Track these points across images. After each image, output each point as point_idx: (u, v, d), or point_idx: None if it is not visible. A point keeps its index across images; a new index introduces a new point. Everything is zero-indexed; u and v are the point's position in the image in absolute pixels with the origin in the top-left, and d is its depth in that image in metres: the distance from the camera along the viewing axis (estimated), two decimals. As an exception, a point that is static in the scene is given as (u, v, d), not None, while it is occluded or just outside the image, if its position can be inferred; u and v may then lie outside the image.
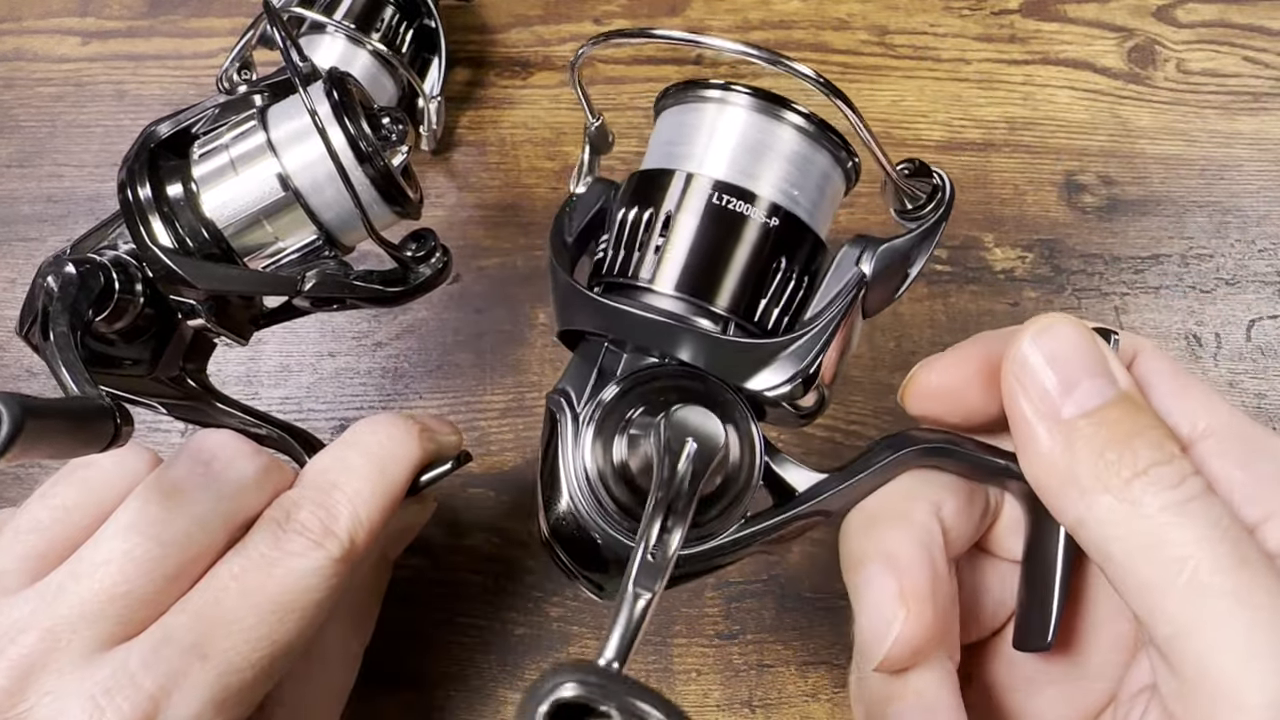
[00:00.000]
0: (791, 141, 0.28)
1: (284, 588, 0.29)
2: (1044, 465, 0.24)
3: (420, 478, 0.34)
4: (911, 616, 0.25)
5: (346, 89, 0.32)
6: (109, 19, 0.54)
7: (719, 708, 0.41)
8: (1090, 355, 0.25)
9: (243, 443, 0.32)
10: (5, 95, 0.53)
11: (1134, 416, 0.24)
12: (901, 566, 0.26)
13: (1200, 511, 0.22)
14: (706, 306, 0.27)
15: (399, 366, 0.47)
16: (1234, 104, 0.53)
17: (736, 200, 0.27)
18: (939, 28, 0.54)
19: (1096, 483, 0.23)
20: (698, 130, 0.28)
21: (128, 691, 0.26)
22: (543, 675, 0.18)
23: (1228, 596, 0.21)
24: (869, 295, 0.28)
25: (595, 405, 0.27)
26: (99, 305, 0.30)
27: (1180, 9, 0.55)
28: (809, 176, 0.28)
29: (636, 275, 0.28)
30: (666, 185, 0.28)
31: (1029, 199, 0.50)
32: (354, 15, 0.46)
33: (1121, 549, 0.23)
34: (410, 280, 0.33)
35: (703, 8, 0.55)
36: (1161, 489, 0.23)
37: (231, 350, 0.47)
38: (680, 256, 0.27)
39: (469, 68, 0.53)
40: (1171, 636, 0.22)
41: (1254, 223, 0.50)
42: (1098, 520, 0.23)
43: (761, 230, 0.27)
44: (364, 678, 0.41)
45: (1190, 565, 0.22)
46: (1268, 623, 0.21)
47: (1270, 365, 0.47)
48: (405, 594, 0.43)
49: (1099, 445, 0.23)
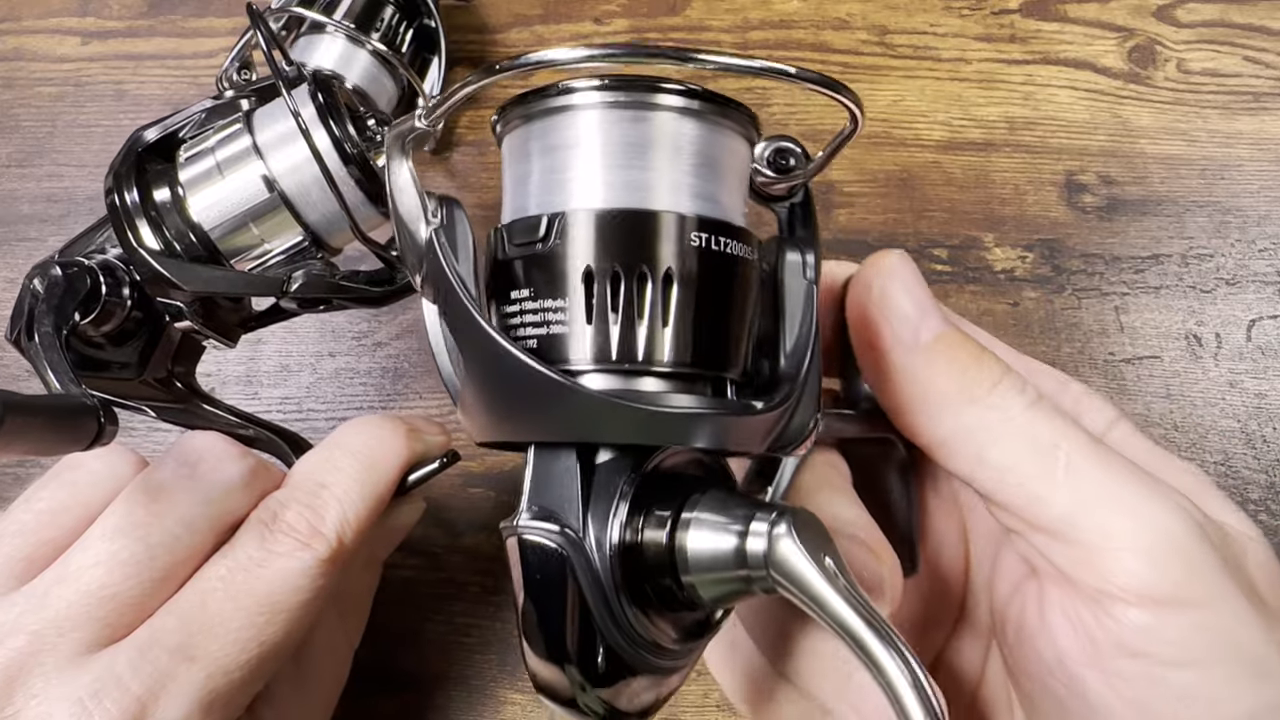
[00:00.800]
0: (735, 150, 0.24)
1: (271, 588, 0.29)
2: (909, 388, 0.26)
3: (408, 477, 0.34)
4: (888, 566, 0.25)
5: (331, 91, 0.32)
6: (109, 19, 0.54)
7: (719, 708, 0.41)
8: (923, 287, 0.26)
9: (229, 444, 0.32)
10: (5, 95, 0.53)
11: (970, 339, 0.26)
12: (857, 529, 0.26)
13: (1049, 408, 0.25)
14: (702, 373, 0.23)
15: (399, 366, 0.47)
16: (1234, 104, 0.52)
17: (725, 239, 0.22)
18: (939, 28, 0.54)
19: (963, 395, 0.25)
20: (647, 149, 0.22)
21: (115, 694, 0.26)
22: None
23: (1099, 467, 0.24)
24: None
25: (608, 519, 0.22)
26: (86, 308, 0.30)
27: (1180, 9, 0.55)
28: (745, 184, 0.25)
29: (636, 357, 0.22)
30: (641, 232, 0.22)
31: (1029, 199, 0.50)
32: (354, 15, 0.46)
33: (999, 450, 0.25)
34: (397, 280, 0.33)
35: (702, 7, 0.54)
36: (1016, 393, 0.25)
37: (231, 351, 0.47)
38: (689, 324, 0.22)
39: (469, 68, 0.53)
40: (1065, 514, 0.24)
41: (1254, 223, 0.50)
42: (968, 429, 0.25)
43: (748, 269, 0.23)
44: (363, 679, 0.41)
45: (1064, 451, 0.24)
46: (1132, 481, 0.24)
47: (1270, 365, 0.47)
48: (405, 594, 0.43)
49: (960, 363, 0.25)
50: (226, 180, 0.32)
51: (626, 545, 0.21)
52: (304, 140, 0.31)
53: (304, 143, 0.31)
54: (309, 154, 0.31)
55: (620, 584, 0.21)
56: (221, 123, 0.33)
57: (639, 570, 0.22)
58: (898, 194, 0.50)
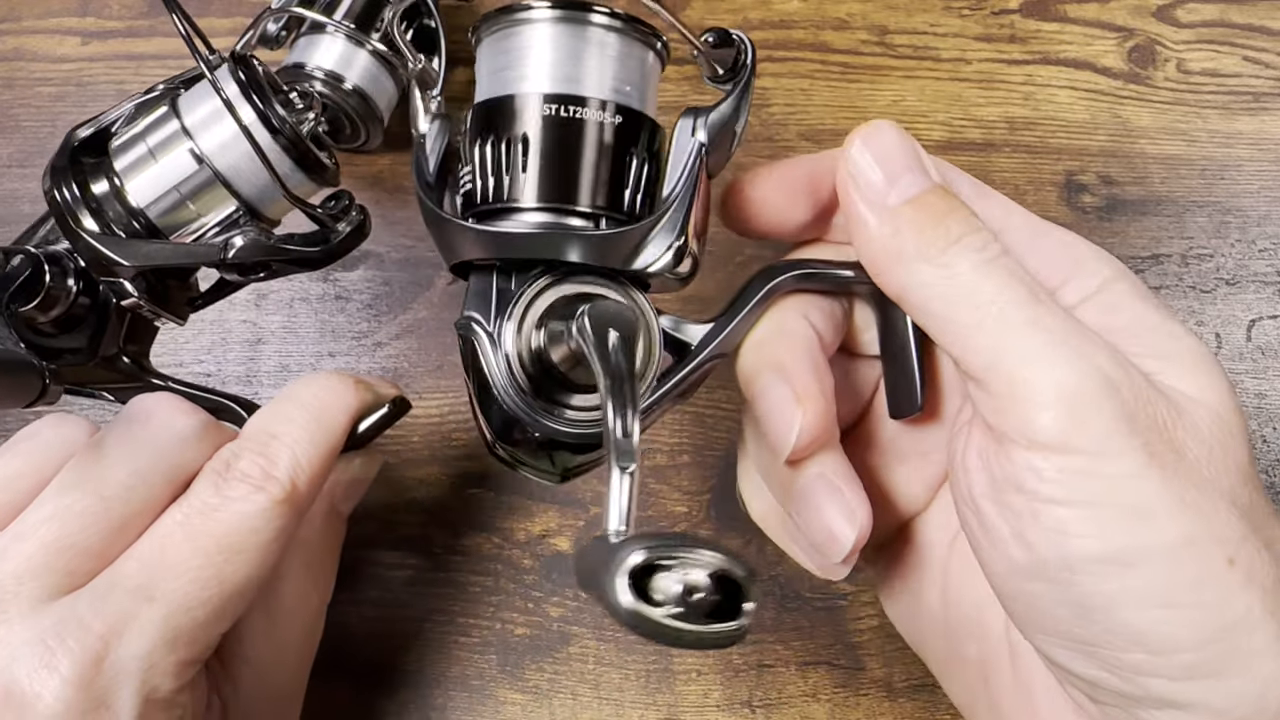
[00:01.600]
0: (605, 41, 0.30)
1: (228, 530, 0.30)
2: (875, 247, 0.28)
3: (358, 427, 0.35)
4: (809, 413, 0.29)
5: (252, 68, 0.34)
6: (109, 19, 0.54)
7: (719, 708, 0.41)
8: (908, 153, 0.29)
9: (180, 401, 0.33)
10: (5, 95, 0.53)
11: (946, 200, 0.28)
12: (791, 373, 0.29)
13: (1002, 267, 0.27)
14: (574, 209, 0.30)
15: (399, 366, 0.47)
16: (1234, 104, 0.53)
17: (572, 107, 0.30)
18: (939, 28, 0.54)
19: (918, 255, 0.27)
20: (520, 52, 0.31)
21: (77, 634, 0.27)
22: (596, 553, 0.21)
23: (1026, 324, 0.26)
24: (711, 159, 0.31)
25: (504, 322, 0.30)
26: (29, 292, 0.31)
27: (1180, 9, 0.55)
28: (629, 68, 0.31)
29: (504, 198, 0.30)
30: (508, 109, 0.30)
31: (1029, 199, 0.50)
32: (354, 15, 0.46)
33: (941, 304, 0.27)
34: (331, 239, 0.35)
35: (702, 8, 0.54)
36: (970, 252, 0.27)
37: (231, 350, 0.47)
38: (538, 171, 0.30)
39: (469, 67, 0.53)
40: (986, 365, 0.26)
41: (1254, 223, 0.50)
42: (920, 284, 0.28)
43: (601, 128, 0.30)
44: (363, 678, 0.41)
45: (997, 306, 0.26)
46: (1056, 339, 0.26)
47: (1270, 365, 0.47)
48: (405, 594, 0.43)
49: (919, 224, 0.28)
50: (160, 163, 0.33)
51: (516, 342, 0.30)
52: (230, 117, 0.32)
53: (231, 119, 0.32)
54: (236, 129, 0.32)
55: (515, 365, 0.29)
56: (149, 111, 0.34)
57: (523, 359, 0.30)
58: (898, 194, 0.50)
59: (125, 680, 0.27)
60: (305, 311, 0.48)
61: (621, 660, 0.42)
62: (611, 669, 0.42)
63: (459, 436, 0.45)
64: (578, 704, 0.41)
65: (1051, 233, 0.30)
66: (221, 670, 0.32)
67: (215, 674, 0.32)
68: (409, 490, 0.45)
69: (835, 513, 0.29)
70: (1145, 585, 0.25)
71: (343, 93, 0.45)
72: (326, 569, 0.38)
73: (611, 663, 0.42)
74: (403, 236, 0.49)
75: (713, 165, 0.31)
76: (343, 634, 0.41)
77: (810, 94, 0.52)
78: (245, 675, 0.33)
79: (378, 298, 0.48)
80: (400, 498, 0.44)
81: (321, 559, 0.37)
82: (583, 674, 0.42)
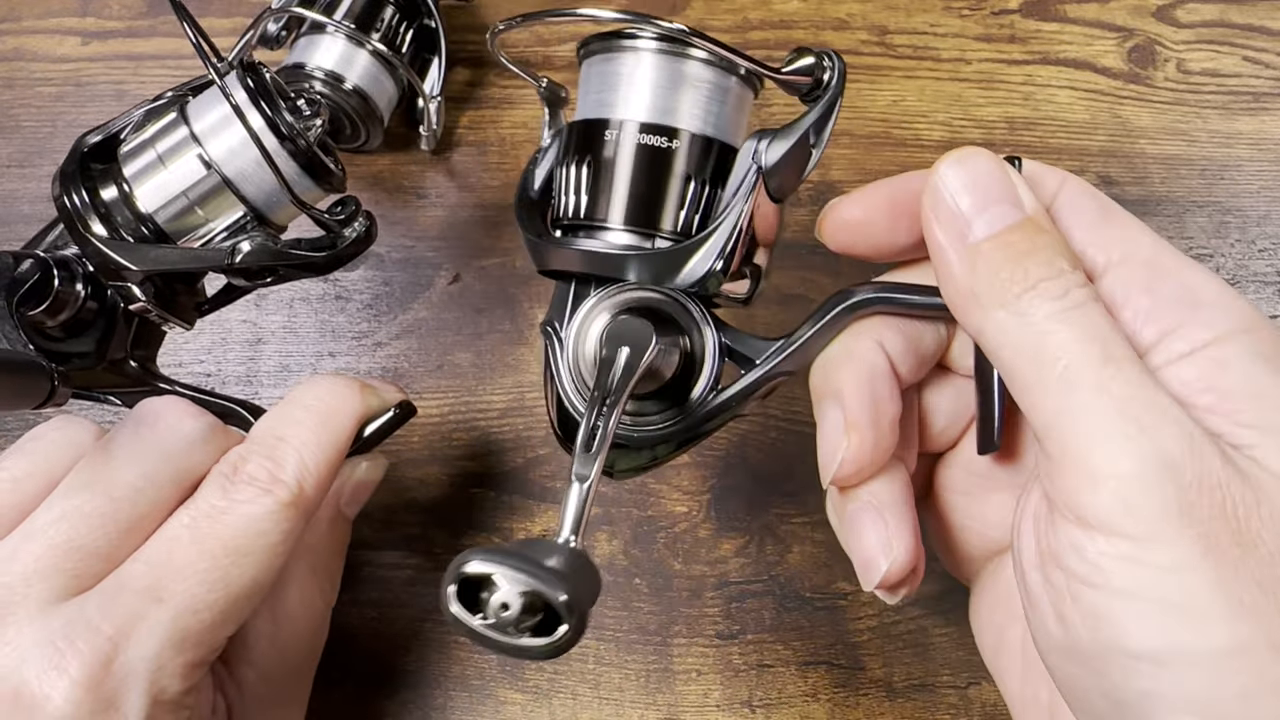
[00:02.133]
0: (691, 72, 0.31)
1: (235, 533, 0.30)
2: (952, 285, 0.27)
3: (364, 430, 0.35)
4: (853, 444, 0.28)
5: (260, 75, 0.34)
6: (109, 19, 0.54)
7: (719, 708, 0.41)
8: (998, 182, 0.27)
9: (187, 404, 0.33)
10: (5, 95, 0.53)
11: (1033, 238, 0.26)
12: (846, 400, 0.29)
13: (1078, 319, 0.25)
14: (639, 229, 0.31)
15: (399, 366, 0.47)
16: (1234, 104, 0.53)
17: (657, 137, 0.31)
18: (939, 28, 0.54)
19: (992, 298, 0.26)
20: (602, 78, 0.32)
21: (86, 635, 0.27)
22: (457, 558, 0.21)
23: (1091, 389, 0.24)
24: (775, 181, 0.31)
25: (575, 328, 0.32)
26: (38, 296, 0.31)
27: (1180, 9, 0.55)
28: (710, 96, 0.31)
29: (569, 215, 0.32)
30: (579, 131, 0.32)
31: (1029, 199, 0.50)
32: (354, 15, 0.46)
33: (1010, 354, 0.26)
34: (339, 245, 0.35)
35: (702, 8, 0.54)
36: (1046, 300, 0.25)
37: (232, 350, 0.47)
38: (609, 192, 0.31)
39: (469, 68, 0.53)
40: (1046, 425, 0.25)
41: (1254, 223, 0.50)
42: (993, 331, 0.26)
43: (667, 154, 0.31)
44: (363, 678, 0.41)
45: (1063, 364, 0.24)
46: (1119, 410, 0.24)
47: (1270, 365, 0.47)
48: (405, 594, 0.43)
49: (996, 265, 0.26)
50: (169, 169, 0.33)
51: (582, 349, 0.31)
52: (239, 123, 0.32)
53: (240, 126, 0.32)
54: (245, 136, 0.33)
55: (573, 368, 0.32)
56: (157, 119, 0.34)
57: (584, 364, 0.31)
58: (898, 194, 0.50)
59: (134, 681, 0.28)
60: (305, 311, 0.48)
61: (621, 660, 0.42)
62: (611, 669, 0.42)
63: (459, 436, 0.45)
64: (578, 704, 0.41)
65: (1177, 271, 0.27)
66: (226, 673, 0.32)
67: (220, 676, 0.32)
68: (409, 490, 0.45)
69: (874, 541, 0.28)
70: (1184, 691, 0.22)
71: (343, 93, 0.45)
72: (332, 572, 0.38)
73: (611, 663, 0.42)
74: (403, 236, 0.49)
75: (778, 189, 0.31)
76: (343, 634, 0.41)
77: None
78: (250, 678, 0.33)
79: (378, 298, 0.48)
80: (400, 498, 0.44)
81: (327, 562, 0.37)
82: (583, 674, 0.42)
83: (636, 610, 0.43)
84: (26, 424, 0.37)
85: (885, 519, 0.29)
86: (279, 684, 0.34)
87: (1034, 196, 0.27)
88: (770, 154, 0.30)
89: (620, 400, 0.28)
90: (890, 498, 0.29)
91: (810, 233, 0.32)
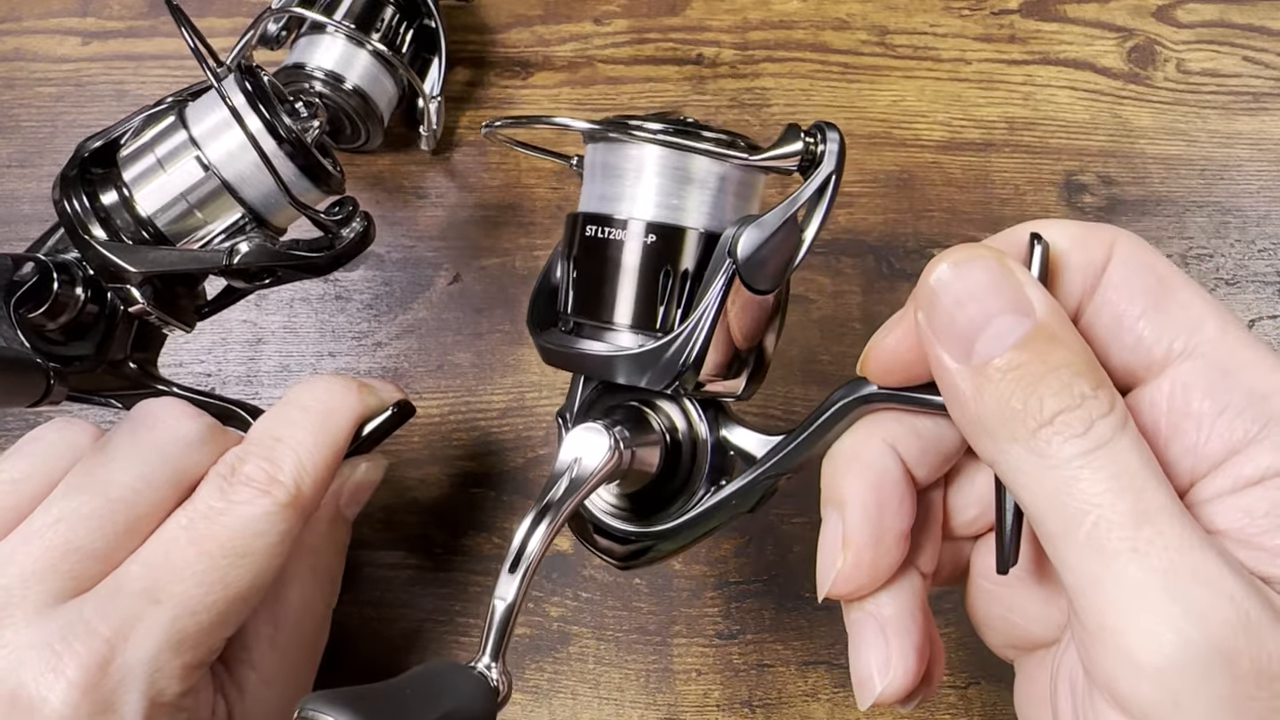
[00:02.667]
0: (647, 159, 0.30)
1: (233, 534, 0.30)
2: (958, 411, 0.24)
3: (363, 430, 0.35)
4: (849, 561, 0.26)
5: (258, 78, 0.34)
6: (109, 19, 0.54)
7: (719, 708, 0.41)
8: (1001, 287, 0.23)
9: (185, 405, 0.33)
10: (5, 95, 0.53)
11: (1045, 355, 0.22)
12: (846, 511, 0.26)
13: (1105, 463, 0.21)
14: (611, 327, 0.30)
15: (399, 366, 0.47)
16: (1234, 104, 0.53)
17: (605, 228, 0.30)
18: (939, 28, 0.54)
19: (1005, 432, 0.22)
20: (588, 170, 0.31)
21: (84, 638, 0.27)
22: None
23: (1125, 554, 0.21)
24: (756, 272, 0.28)
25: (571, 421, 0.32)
26: (37, 298, 0.32)
27: (1180, 9, 0.55)
28: (675, 181, 0.30)
29: (570, 312, 0.31)
30: (571, 228, 0.31)
31: (1029, 199, 0.50)
32: (354, 15, 0.46)
33: (1030, 498, 0.22)
34: (337, 245, 0.35)
35: (703, 8, 0.54)
36: (1068, 438, 0.22)
37: (232, 350, 0.47)
38: (583, 290, 0.31)
39: (469, 68, 0.53)
40: (1077, 587, 0.22)
41: (1254, 223, 0.50)
42: (1008, 467, 0.23)
43: (634, 249, 0.29)
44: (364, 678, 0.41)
45: (1091, 519, 0.21)
46: (1162, 585, 0.20)
47: (1270, 365, 0.47)
48: (405, 594, 0.43)
49: (1006, 392, 0.22)
50: (168, 173, 0.33)
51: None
52: (238, 126, 0.33)
53: (238, 129, 0.33)
54: (244, 139, 0.33)
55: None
56: (156, 123, 0.34)
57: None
58: (897, 194, 0.50)
59: (131, 684, 0.28)
60: (305, 311, 0.48)
61: (621, 660, 0.42)
62: (611, 669, 0.42)
63: (459, 436, 0.45)
64: (578, 704, 0.41)
65: (1247, 366, 0.23)
66: (226, 674, 0.32)
67: (220, 678, 0.32)
68: (409, 490, 0.45)
69: (870, 660, 0.26)
70: None
71: (343, 93, 0.45)
72: (332, 574, 0.38)
73: (611, 662, 0.42)
74: (403, 237, 0.49)
75: (765, 278, 0.28)
76: (343, 634, 0.41)
77: (810, 94, 0.52)
78: (250, 680, 0.33)
79: (378, 298, 0.48)
80: (400, 498, 0.44)
81: (327, 564, 0.37)
82: (583, 674, 0.42)
83: (636, 610, 0.43)
84: (27, 424, 0.37)
85: (886, 636, 0.26)
86: (279, 685, 0.34)
87: (1046, 295, 0.23)
88: (744, 244, 0.28)
89: (559, 516, 0.27)
90: (894, 611, 0.27)
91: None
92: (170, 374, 0.38)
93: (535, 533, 0.27)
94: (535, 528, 0.27)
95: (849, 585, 0.26)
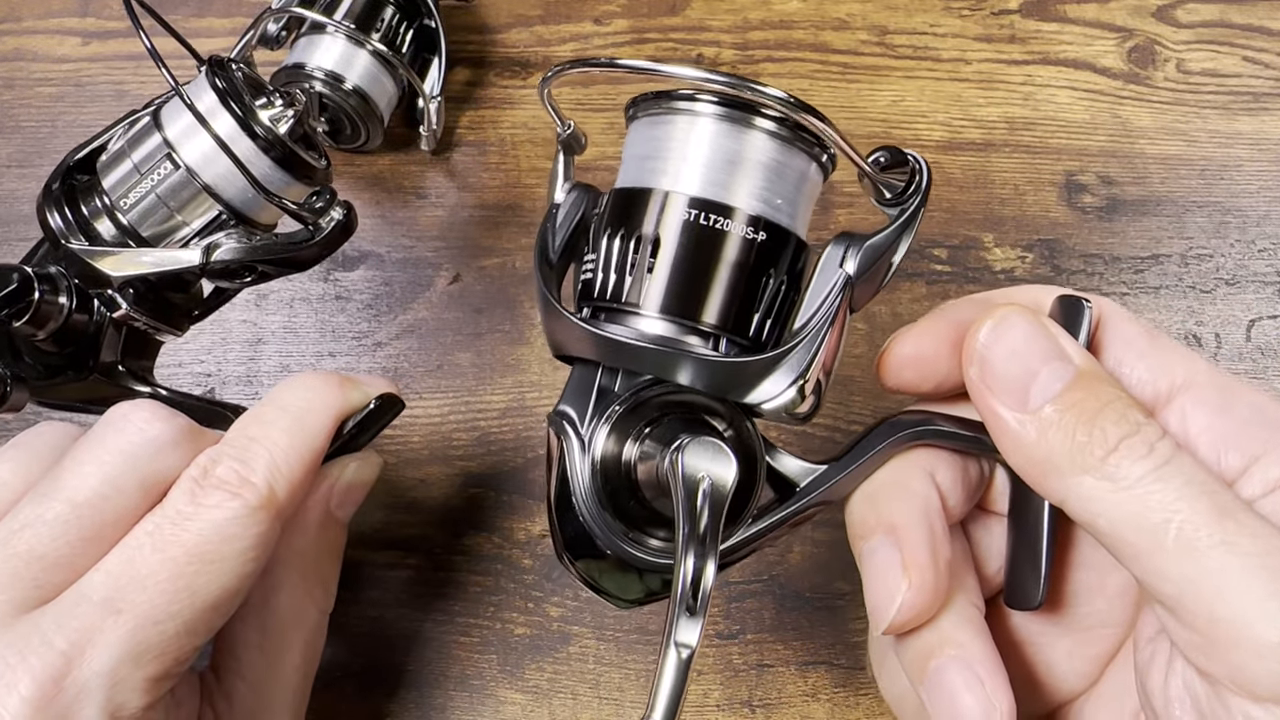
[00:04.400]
0: (765, 148, 0.28)
1: (202, 538, 0.28)
2: (1022, 455, 0.25)
3: (345, 426, 0.34)
4: (914, 585, 0.26)
5: (227, 71, 0.34)
6: (109, 19, 0.54)
7: (719, 708, 0.41)
8: (1043, 341, 0.25)
9: (158, 407, 0.31)
10: (5, 95, 0.53)
11: (1096, 393, 0.25)
12: (902, 536, 0.26)
13: (1174, 473, 0.23)
14: (695, 326, 0.27)
15: (399, 366, 0.47)
16: (1234, 104, 0.53)
17: (715, 216, 0.27)
18: (939, 28, 0.54)
19: (1074, 465, 0.24)
20: (669, 144, 0.28)
21: (39, 650, 0.26)
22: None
23: (1217, 547, 0.22)
24: (855, 292, 0.28)
25: (598, 426, 0.28)
26: (19, 308, 0.32)
27: (1180, 9, 0.55)
28: (786, 180, 0.28)
29: (625, 299, 0.28)
30: (645, 205, 0.28)
31: (1029, 199, 0.50)
32: (354, 15, 0.46)
33: (1108, 522, 0.24)
34: (317, 238, 0.35)
35: (703, 8, 0.55)
36: (1135, 460, 0.23)
37: (232, 350, 0.47)
38: (665, 278, 0.27)
39: (469, 68, 0.53)
40: (1177, 594, 0.23)
41: (1254, 223, 0.50)
42: (1082, 499, 0.24)
43: (744, 244, 0.27)
44: (363, 679, 0.41)
45: (1175, 525, 0.23)
46: (1262, 566, 0.22)
47: (1270, 365, 0.47)
48: (405, 594, 0.43)
49: (1069, 428, 0.24)
50: (145, 177, 0.34)
51: (605, 452, 0.28)
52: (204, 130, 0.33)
53: (208, 130, 0.33)
54: (218, 139, 0.33)
55: (598, 479, 0.27)
56: (132, 127, 0.35)
57: (610, 473, 0.28)
58: (897, 194, 0.50)
59: (87, 698, 0.26)
60: (305, 311, 0.48)
61: (621, 660, 0.42)
62: (611, 669, 0.42)
63: (459, 436, 0.45)
64: (578, 704, 0.41)
65: (1240, 395, 0.26)
66: (216, 684, 0.32)
67: (209, 687, 0.31)
68: (409, 490, 0.45)
69: (971, 704, 0.25)
70: None
71: (343, 93, 0.45)
72: (325, 578, 0.36)
73: (611, 663, 0.42)
74: (403, 237, 0.49)
75: (858, 299, 0.28)
76: (343, 634, 0.41)
77: (810, 94, 0.52)
78: (239, 689, 0.32)
79: (378, 298, 0.48)
80: (400, 498, 0.44)
81: (318, 568, 0.36)
82: (583, 674, 0.42)
83: (636, 610, 0.43)
84: (27, 423, 0.37)
85: (979, 674, 0.26)
86: (270, 695, 0.33)
87: (1078, 344, 0.26)
88: (861, 262, 0.27)
89: (715, 542, 0.24)
90: (977, 647, 0.26)
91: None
92: (170, 374, 0.38)
93: (707, 569, 0.24)
94: (704, 563, 0.24)
95: (913, 611, 0.26)
